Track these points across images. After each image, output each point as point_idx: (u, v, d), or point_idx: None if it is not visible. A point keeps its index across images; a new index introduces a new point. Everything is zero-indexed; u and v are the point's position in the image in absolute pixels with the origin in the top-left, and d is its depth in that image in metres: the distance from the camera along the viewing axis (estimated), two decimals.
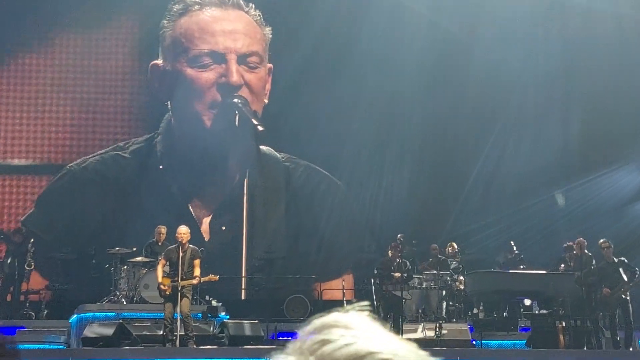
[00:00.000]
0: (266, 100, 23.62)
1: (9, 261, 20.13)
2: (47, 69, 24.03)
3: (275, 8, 23.97)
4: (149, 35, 23.97)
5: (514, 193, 24.10)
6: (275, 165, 23.79)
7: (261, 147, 23.45)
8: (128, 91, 24.23)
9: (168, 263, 16.28)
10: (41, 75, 23.98)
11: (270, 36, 23.75)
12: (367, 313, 2.28)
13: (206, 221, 23.15)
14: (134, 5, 24.14)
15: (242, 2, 23.66)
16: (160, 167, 23.24)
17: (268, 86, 23.76)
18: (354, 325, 2.19)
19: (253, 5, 23.69)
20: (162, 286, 15.99)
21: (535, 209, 23.79)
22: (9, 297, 20.31)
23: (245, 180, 23.32)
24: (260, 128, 22.48)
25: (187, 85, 23.15)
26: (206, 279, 16.38)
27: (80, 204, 23.02)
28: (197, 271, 16.11)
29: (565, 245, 20.25)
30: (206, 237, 22.69)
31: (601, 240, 19.18)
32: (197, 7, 23.45)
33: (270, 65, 23.79)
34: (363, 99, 24.08)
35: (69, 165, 23.44)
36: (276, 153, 23.87)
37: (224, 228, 23.22)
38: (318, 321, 2.19)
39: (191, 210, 22.99)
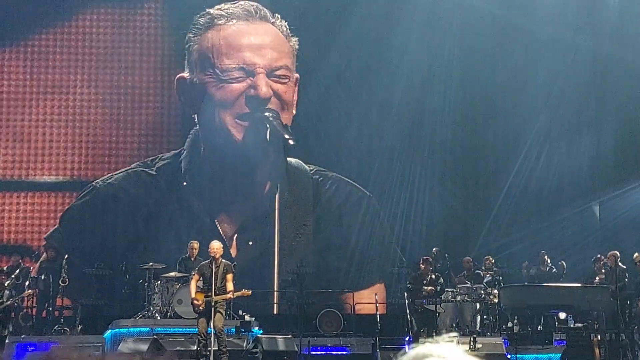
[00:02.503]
0: (294, 111, 23.84)
1: (42, 277, 20.66)
2: (75, 84, 24.32)
3: (304, 18, 24.20)
4: (176, 48, 24.27)
5: (546, 206, 24.33)
6: (304, 178, 23.96)
7: (290, 159, 23.69)
8: (156, 106, 24.45)
9: (201, 278, 16.49)
10: (71, 91, 24.30)
11: (297, 47, 23.92)
12: (454, 342, 2.58)
13: (234, 237, 23.39)
14: (160, 19, 24.52)
15: (268, 14, 23.82)
16: (184, 183, 23.45)
17: (295, 97, 23.95)
18: (448, 355, 2.46)
19: (279, 16, 23.86)
20: (195, 301, 16.24)
21: (568, 222, 23.94)
22: (43, 313, 20.82)
23: (277, 195, 23.52)
24: (291, 142, 22.80)
25: (215, 96, 23.37)
26: (239, 293, 16.59)
27: (104, 220, 23.30)
28: (230, 286, 16.33)
29: (594, 257, 20.53)
30: (233, 253, 22.91)
31: (635, 254, 19.45)
32: (223, 20, 23.62)
33: (297, 75, 23.98)
34: (392, 111, 24.35)
35: (95, 182, 23.70)
36: (305, 165, 24.04)
37: (250, 243, 23.42)
38: (412, 352, 2.47)
39: (218, 226, 23.22)
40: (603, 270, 19.99)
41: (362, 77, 24.58)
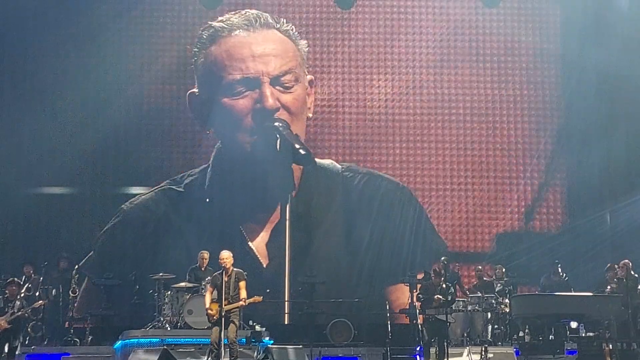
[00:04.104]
0: (310, 115, 24.07)
1: (53, 289, 21.06)
2: (83, 94, 24.36)
3: (312, 21, 24.51)
4: (179, 56, 24.53)
5: (557, 214, 24.67)
6: (332, 179, 24.07)
7: (321, 160, 23.97)
8: (164, 115, 24.60)
9: (215, 289, 16.73)
10: (77, 100, 24.28)
11: (307, 49, 24.15)
12: None
13: (261, 246, 23.59)
14: (174, 33, 24.79)
15: (270, 20, 23.96)
16: (207, 200, 23.61)
17: (311, 99, 24.12)
18: None
19: (284, 20, 24.08)
20: (209, 311, 16.49)
21: (580, 230, 24.20)
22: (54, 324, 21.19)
23: (287, 206, 23.66)
24: (302, 152, 23.01)
25: (225, 114, 23.50)
26: (250, 300, 16.76)
27: (128, 236, 23.59)
28: (242, 293, 16.56)
29: (607, 266, 20.84)
30: (264, 263, 23.31)
31: None
32: (225, 32, 23.80)
33: (310, 77, 24.19)
34: (403, 119, 24.71)
35: (123, 205, 23.78)
36: (336, 164, 24.22)
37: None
38: None
39: (248, 240, 23.46)
40: (615, 279, 20.28)
41: (371, 83, 24.85)
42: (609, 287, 20.30)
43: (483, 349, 18.45)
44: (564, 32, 24.92)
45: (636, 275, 19.75)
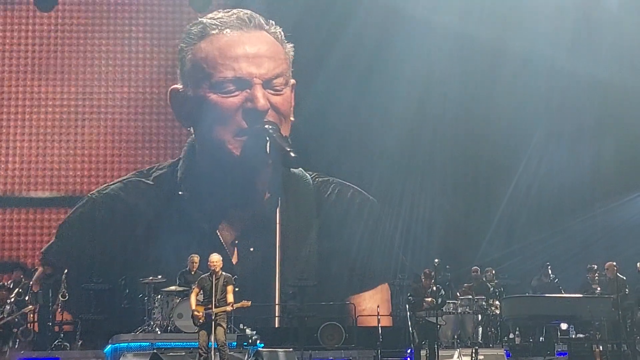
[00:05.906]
0: (292, 118, 24.31)
1: (42, 292, 21.32)
2: (69, 97, 24.89)
3: (303, 24, 24.70)
4: (167, 58, 24.89)
5: (546, 217, 24.96)
6: (305, 186, 24.49)
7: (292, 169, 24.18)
8: (152, 118, 25.01)
9: (201, 291, 17.00)
10: (65, 104, 24.86)
11: (292, 53, 24.34)
12: None
13: (234, 244, 23.87)
14: (152, 29, 25.09)
15: (262, 21, 24.19)
16: (180, 192, 23.87)
17: (292, 103, 24.35)
18: None
19: (273, 22, 24.26)
20: (196, 313, 16.73)
21: (570, 232, 24.55)
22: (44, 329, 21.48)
23: (277, 209, 23.94)
24: (292, 154, 23.20)
25: (211, 111, 23.67)
26: (238, 305, 16.99)
27: (103, 232, 23.83)
28: (230, 298, 16.77)
29: (588, 266, 21.16)
30: (234, 260, 23.45)
31: (638, 264, 20.08)
32: (216, 30, 24.00)
33: (293, 80, 24.39)
34: (392, 121, 24.92)
35: (90, 193, 24.19)
36: (306, 173, 24.52)
37: (252, 249, 23.90)
38: None
39: (218, 234, 23.74)
40: (596, 279, 20.61)
41: (362, 85, 25.10)
42: (598, 288, 20.61)
43: (473, 351, 18.69)
44: (555, 35, 25.18)
45: (624, 277, 20.06)
